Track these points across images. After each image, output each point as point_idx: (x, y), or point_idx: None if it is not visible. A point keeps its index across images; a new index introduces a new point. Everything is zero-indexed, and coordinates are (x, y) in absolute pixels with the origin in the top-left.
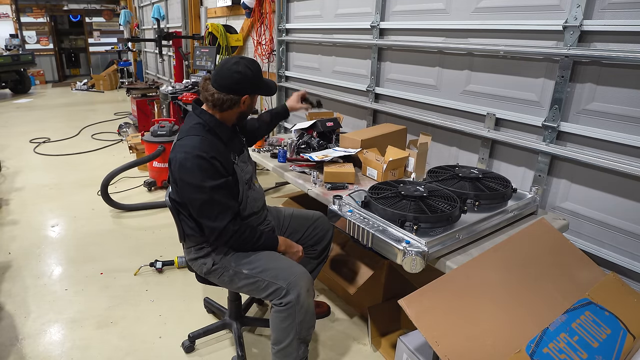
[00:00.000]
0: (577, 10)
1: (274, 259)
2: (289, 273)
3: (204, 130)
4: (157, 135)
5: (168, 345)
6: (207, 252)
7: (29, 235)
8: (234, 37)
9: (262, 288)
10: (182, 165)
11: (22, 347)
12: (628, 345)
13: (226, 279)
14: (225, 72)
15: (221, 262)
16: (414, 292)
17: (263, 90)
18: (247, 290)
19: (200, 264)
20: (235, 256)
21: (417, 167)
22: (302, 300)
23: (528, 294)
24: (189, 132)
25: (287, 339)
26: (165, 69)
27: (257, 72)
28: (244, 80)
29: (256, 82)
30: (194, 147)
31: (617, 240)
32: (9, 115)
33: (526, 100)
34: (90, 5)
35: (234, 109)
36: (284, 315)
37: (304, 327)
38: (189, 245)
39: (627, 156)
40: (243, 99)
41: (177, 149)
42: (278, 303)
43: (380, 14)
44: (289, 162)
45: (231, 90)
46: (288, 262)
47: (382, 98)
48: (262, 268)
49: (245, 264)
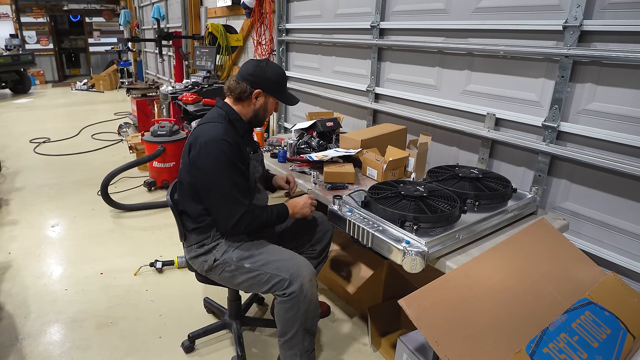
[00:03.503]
0: (577, 10)
1: (275, 252)
2: (291, 264)
3: (224, 119)
4: (157, 135)
5: (168, 345)
6: (209, 249)
7: (29, 235)
8: (234, 37)
9: (264, 281)
10: (205, 148)
11: (22, 347)
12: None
13: (227, 275)
14: (249, 63)
15: (222, 258)
16: (414, 292)
17: (279, 95)
18: (249, 284)
19: (201, 262)
20: (237, 251)
21: (417, 167)
22: (306, 290)
23: (528, 294)
24: (211, 119)
25: (292, 330)
26: (165, 69)
27: (277, 74)
28: (260, 74)
29: (273, 82)
30: (218, 132)
31: (617, 240)
32: (9, 115)
33: (526, 100)
34: (90, 5)
35: (248, 103)
36: (287, 306)
37: (308, 317)
38: (189, 243)
39: (627, 156)
40: (256, 93)
41: (200, 133)
42: (282, 294)
43: (380, 14)
44: (289, 162)
45: (245, 79)
46: (289, 253)
47: (382, 98)
48: (264, 261)
49: (247, 257)
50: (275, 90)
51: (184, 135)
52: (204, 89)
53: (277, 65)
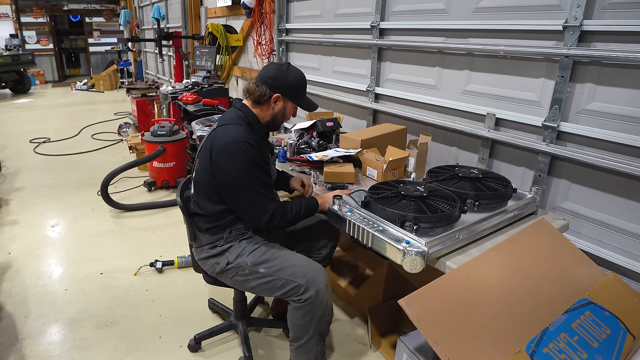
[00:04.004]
0: (577, 10)
1: (290, 258)
2: (306, 270)
3: (244, 122)
4: (157, 135)
5: (168, 345)
6: (221, 251)
7: (29, 235)
8: (234, 37)
9: (278, 287)
10: (228, 150)
11: (22, 347)
12: (628, 345)
13: (240, 279)
14: (270, 66)
15: (236, 262)
16: (414, 292)
17: (298, 100)
18: (261, 289)
19: (212, 264)
20: (252, 255)
21: (417, 167)
22: (322, 295)
23: (528, 294)
24: (230, 121)
25: (306, 335)
26: (165, 69)
27: (297, 78)
28: (280, 78)
29: (293, 87)
30: (239, 134)
31: (617, 240)
32: (9, 115)
33: (526, 100)
34: (90, 5)
35: (266, 106)
36: (303, 312)
37: (322, 321)
38: (201, 243)
39: (627, 156)
40: (275, 97)
41: (220, 134)
42: (297, 300)
43: (380, 14)
44: (289, 162)
45: (265, 83)
46: (304, 259)
47: (382, 98)
48: (280, 266)
49: (262, 263)
50: (294, 96)
51: (184, 135)
52: (204, 89)
53: (298, 70)
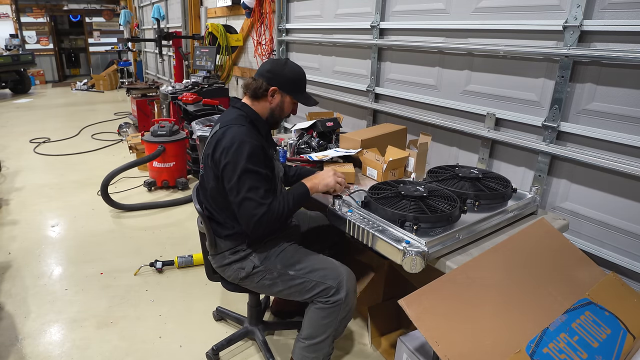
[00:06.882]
0: (577, 10)
1: (320, 260)
2: (337, 273)
3: (246, 121)
4: (157, 135)
5: (168, 345)
6: (245, 255)
7: (29, 235)
8: (234, 37)
9: (308, 289)
10: (227, 150)
11: (22, 347)
12: (628, 345)
13: (267, 283)
14: (268, 60)
15: (264, 265)
16: (414, 292)
17: (296, 94)
18: (289, 292)
19: (236, 269)
20: (280, 258)
21: (417, 167)
22: (349, 299)
23: (528, 294)
24: (232, 122)
25: (322, 335)
26: (165, 69)
27: (295, 72)
28: (277, 71)
29: (290, 81)
30: (242, 134)
31: (617, 240)
32: (9, 115)
33: (526, 100)
34: (90, 5)
35: (264, 100)
36: (326, 313)
37: (342, 324)
38: (220, 250)
39: (627, 156)
40: (271, 90)
41: (222, 136)
42: (325, 301)
43: (380, 14)
44: (289, 162)
45: (262, 76)
46: (333, 262)
47: (382, 98)
48: (310, 269)
49: (291, 265)
50: (292, 89)
51: (184, 135)
52: (204, 89)
53: (298, 65)
